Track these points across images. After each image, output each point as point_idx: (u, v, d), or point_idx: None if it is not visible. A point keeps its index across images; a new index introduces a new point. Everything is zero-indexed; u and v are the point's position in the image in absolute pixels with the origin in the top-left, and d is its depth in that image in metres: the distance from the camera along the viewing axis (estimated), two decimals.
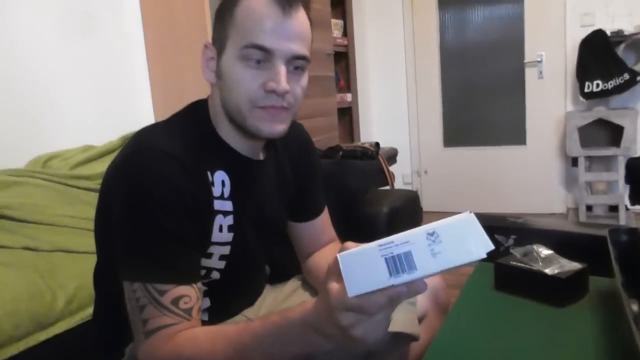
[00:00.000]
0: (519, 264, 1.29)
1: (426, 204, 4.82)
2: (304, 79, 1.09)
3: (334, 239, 1.44)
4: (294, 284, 1.41)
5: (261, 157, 1.19)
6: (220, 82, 1.07)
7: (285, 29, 1.02)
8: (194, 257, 1.03)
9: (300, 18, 1.04)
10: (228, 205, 1.10)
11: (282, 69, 1.02)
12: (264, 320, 0.88)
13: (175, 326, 0.94)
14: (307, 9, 1.08)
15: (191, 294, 0.97)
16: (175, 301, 0.94)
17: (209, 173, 1.06)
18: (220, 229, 1.09)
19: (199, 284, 1.00)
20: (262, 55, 1.01)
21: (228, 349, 0.89)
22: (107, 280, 1.14)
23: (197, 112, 1.13)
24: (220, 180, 1.08)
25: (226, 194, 1.09)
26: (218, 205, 1.08)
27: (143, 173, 0.96)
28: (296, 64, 1.05)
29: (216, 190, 1.07)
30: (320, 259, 1.36)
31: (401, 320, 1.08)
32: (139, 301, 0.94)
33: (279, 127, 1.08)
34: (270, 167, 1.23)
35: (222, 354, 0.89)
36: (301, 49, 1.05)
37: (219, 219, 1.08)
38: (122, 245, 0.98)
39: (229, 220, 1.10)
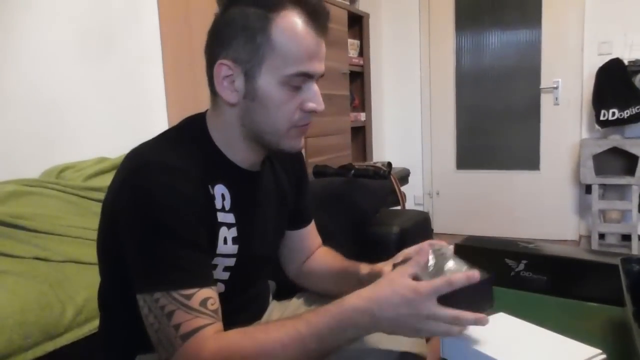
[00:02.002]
0: None
1: (437, 226, 4.81)
2: None
3: (320, 244, 1.47)
4: (299, 299, 1.41)
5: (259, 168, 1.19)
6: (250, 104, 1.05)
7: (321, 52, 1.06)
8: (209, 261, 1.04)
9: None
10: (230, 218, 1.10)
11: (318, 89, 1.06)
12: (316, 310, 0.96)
13: (211, 326, 0.94)
14: None
15: (214, 296, 0.97)
16: (203, 303, 0.94)
17: (209, 186, 1.06)
18: (225, 241, 1.09)
19: (216, 288, 1.01)
20: (304, 80, 1.04)
21: (283, 337, 0.92)
22: (112, 299, 1.15)
23: (193, 127, 1.13)
24: (220, 194, 1.08)
25: (227, 207, 1.09)
26: (221, 217, 1.08)
27: (151, 185, 0.96)
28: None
29: (217, 203, 1.08)
30: (317, 263, 1.41)
31: (410, 340, 1.11)
32: (165, 309, 0.93)
33: (303, 141, 1.14)
34: (267, 177, 1.23)
35: (277, 340, 0.92)
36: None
37: (223, 231, 1.09)
38: (138, 258, 0.97)
39: (233, 232, 1.10)
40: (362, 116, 4.45)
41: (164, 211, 0.95)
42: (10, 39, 2.01)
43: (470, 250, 1.67)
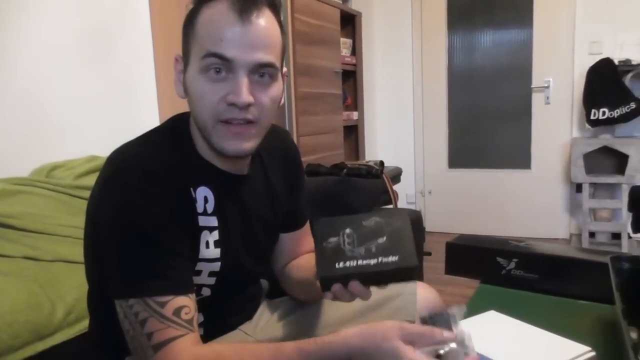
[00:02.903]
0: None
1: (429, 224, 4.81)
2: (274, 89, 1.04)
3: (312, 249, 1.40)
4: (292, 300, 1.40)
5: (245, 171, 1.16)
6: (188, 97, 1.04)
7: (245, 37, 0.97)
8: (188, 268, 1.02)
9: (262, 24, 0.99)
10: (213, 221, 1.08)
11: (244, 80, 0.98)
12: (297, 345, 0.91)
13: (184, 337, 0.92)
14: (275, 13, 1.04)
15: (190, 305, 0.96)
16: (177, 312, 0.93)
17: (191, 189, 1.05)
18: (207, 245, 1.07)
19: (194, 296, 1.00)
20: (222, 66, 0.98)
21: None
22: (99, 302, 1.13)
23: (177, 127, 1.11)
24: (202, 197, 1.06)
25: (209, 210, 1.07)
26: (202, 221, 1.06)
27: (128, 191, 0.96)
28: (262, 72, 1.00)
29: (199, 207, 1.06)
30: (295, 269, 1.35)
31: None
32: (138, 316, 0.92)
33: (245, 145, 1.04)
34: (257, 180, 1.20)
35: None
36: (265, 56, 0.99)
37: (204, 235, 1.07)
38: (115, 263, 0.97)
39: (215, 235, 1.08)
40: (355, 115, 4.45)
41: (140, 217, 0.95)
42: (1, 38, 2.00)
43: (462, 248, 1.67)
